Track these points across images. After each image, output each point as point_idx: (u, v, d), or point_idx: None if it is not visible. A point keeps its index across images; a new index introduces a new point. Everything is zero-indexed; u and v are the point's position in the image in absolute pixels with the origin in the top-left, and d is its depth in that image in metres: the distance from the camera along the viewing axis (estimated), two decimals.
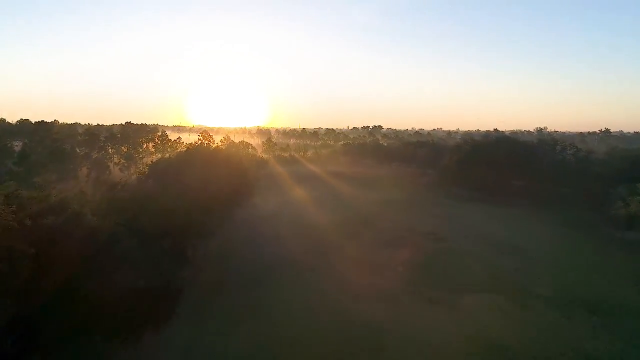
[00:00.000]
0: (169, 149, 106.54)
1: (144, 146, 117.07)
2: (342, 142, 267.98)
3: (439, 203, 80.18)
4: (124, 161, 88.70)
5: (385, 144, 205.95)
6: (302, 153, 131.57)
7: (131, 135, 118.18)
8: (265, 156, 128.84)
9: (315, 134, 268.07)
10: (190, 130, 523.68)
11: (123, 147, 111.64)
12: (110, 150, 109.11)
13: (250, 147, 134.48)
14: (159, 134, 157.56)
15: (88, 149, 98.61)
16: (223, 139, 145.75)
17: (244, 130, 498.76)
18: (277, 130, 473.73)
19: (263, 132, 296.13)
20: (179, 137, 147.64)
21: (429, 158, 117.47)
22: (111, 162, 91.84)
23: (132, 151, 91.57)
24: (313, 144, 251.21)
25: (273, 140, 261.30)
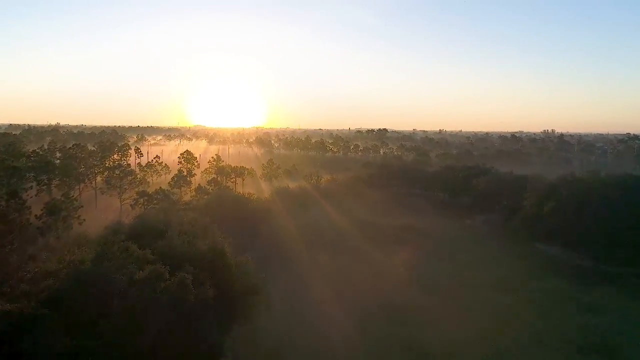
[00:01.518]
0: (126, 186, 74.29)
1: (97, 177, 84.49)
2: (352, 147, 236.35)
3: (569, 299, 47.00)
4: (47, 217, 56.56)
5: (407, 160, 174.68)
6: (314, 180, 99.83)
7: (81, 158, 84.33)
8: (266, 190, 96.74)
9: (321, 143, 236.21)
10: (186, 132, 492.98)
11: (76, 177, 79.40)
12: (53, 185, 76.89)
13: (247, 172, 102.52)
14: (132, 149, 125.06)
15: (4, 189, 66.41)
16: (212, 160, 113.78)
17: (241, 134, 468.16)
18: (277, 135, 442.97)
19: (262, 141, 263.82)
20: (156, 158, 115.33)
21: (489, 192, 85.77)
22: (31, 214, 59.66)
23: (65, 202, 59.02)
24: (320, 155, 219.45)
25: (274, 152, 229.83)
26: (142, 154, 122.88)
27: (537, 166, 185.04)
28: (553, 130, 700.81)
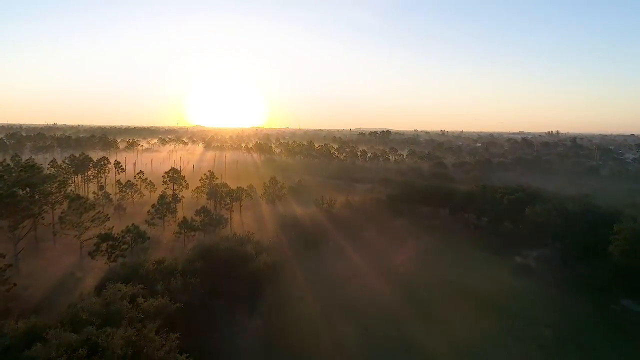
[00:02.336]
0: (87, 224, 56.94)
1: (60, 204, 66.60)
2: (359, 154, 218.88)
3: None
4: None
5: (425, 171, 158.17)
6: (326, 204, 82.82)
7: (34, 184, 65.90)
8: (268, 218, 79.85)
9: (326, 149, 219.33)
10: (184, 133, 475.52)
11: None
12: None
13: (245, 194, 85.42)
14: (110, 164, 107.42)
15: None
16: (205, 177, 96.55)
17: (240, 136, 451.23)
18: (277, 136, 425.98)
19: (262, 146, 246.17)
20: (139, 173, 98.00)
21: (546, 225, 68.78)
22: None
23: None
24: (326, 163, 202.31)
25: (275, 159, 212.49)
26: (123, 168, 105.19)
27: (562, 176, 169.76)
28: (557, 132, 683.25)
